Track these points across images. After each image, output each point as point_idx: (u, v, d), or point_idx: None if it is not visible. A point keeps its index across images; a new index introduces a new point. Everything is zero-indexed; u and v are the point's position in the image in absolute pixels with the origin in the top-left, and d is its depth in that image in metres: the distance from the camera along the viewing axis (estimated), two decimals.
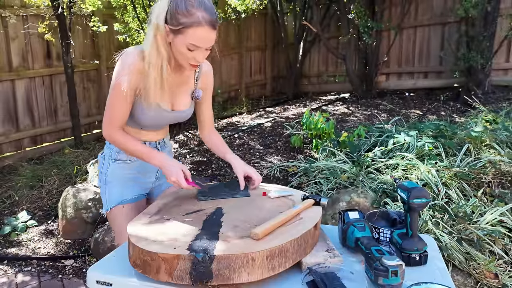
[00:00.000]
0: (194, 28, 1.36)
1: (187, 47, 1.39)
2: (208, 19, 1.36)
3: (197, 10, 1.35)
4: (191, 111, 1.67)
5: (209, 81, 1.69)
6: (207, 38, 1.39)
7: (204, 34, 1.38)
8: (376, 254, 1.16)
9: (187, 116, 1.66)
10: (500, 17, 5.44)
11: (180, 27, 1.37)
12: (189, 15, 1.35)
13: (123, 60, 1.48)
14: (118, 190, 1.66)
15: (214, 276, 1.09)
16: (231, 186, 1.64)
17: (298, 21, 7.39)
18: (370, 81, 6.59)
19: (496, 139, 3.29)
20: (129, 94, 1.49)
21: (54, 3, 4.35)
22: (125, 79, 1.46)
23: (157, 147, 1.69)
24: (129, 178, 1.68)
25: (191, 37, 1.37)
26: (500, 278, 2.19)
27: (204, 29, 1.37)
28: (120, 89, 1.47)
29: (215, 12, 1.40)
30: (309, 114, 4.19)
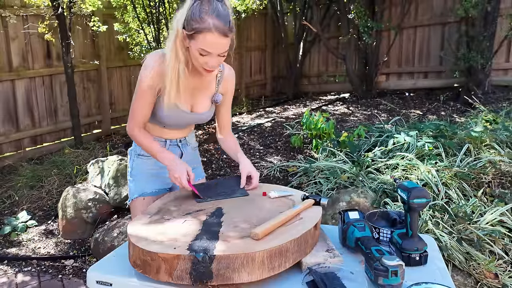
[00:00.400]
0: (204, 33, 1.42)
1: (199, 52, 1.46)
2: (218, 26, 1.41)
3: (209, 17, 1.41)
4: (211, 114, 1.74)
5: (230, 86, 1.75)
6: (216, 44, 1.44)
7: (213, 40, 1.43)
8: (376, 254, 1.16)
9: (207, 118, 1.73)
10: (500, 17, 5.44)
11: (192, 32, 1.44)
12: (201, 21, 1.41)
13: (145, 62, 1.58)
14: (141, 184, 1.77)
15: (214, 276, 1.09)
16: (229, 182, 1.66)
17: (298, 21, 7.39)
18: (370, 81, 6.59)
19: (496, 139, 3.29)
20: (149, 94, 1.58)
21: (54, 3, 4.35)
22: (146, 80, 1.57)
23: (178, 144, 1.78)
24: (151, 173, 1.77)
25: (201, 42, 1.44)
26: (500, 278, 2.19)
27: (213, 36, 1.42)
28: (141, 89, 1.58)
29: (229, 20, 1.44)
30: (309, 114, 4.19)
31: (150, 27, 4.90)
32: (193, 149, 1.87)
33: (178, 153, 1.78)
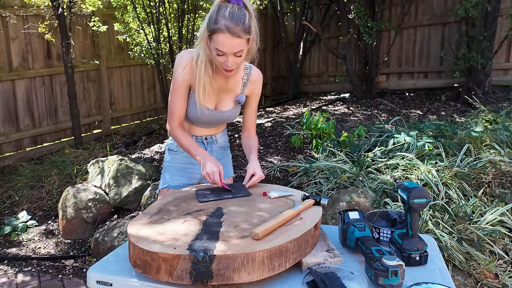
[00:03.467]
0: (217, 34, 1.53)
1: (216, 51, 1.57)
2: (229, 27, 1.51)
3: (223, 18, 1.52)
4: (235, 112, 1.83)
5: (256, 88, 1.84)
6: (226, 44, 1.54)
7: (224, 40, 1.53)
8: (376, 254, 1.16)
9: (232, 116, 1.83)
10: (500, 17, 5.43)
11: (210, 33, 1.56)
12: (216, 22, 1.53)
13: (178, 60, 1.71)
14: (168, 176, 1.91)
15: (214, 276, 1.09)
16: (233, 188, 1.64)
17: (298, 21, 7.38)
18: (370, 81, 6.59)
19: (496, 139, 3.29)
20: (184, 89, 1.71)
21: (54, 3, 4.35)
22: (178, 76, 1.70)
23: (203, 142, 1.89)
24: (179, 167, 1.91)
25: (215, 42, 1.55)
26: (500, 278, 2.18)
27: (224, 36, 1.52)
28: (177, 85, 1.71)
29: (243, 23, 1.53)
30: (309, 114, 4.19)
31: (150, 27, 4.90)
32: (221, 148, 1.97)
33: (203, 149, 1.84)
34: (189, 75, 1.69)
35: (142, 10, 4.90)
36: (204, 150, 1.73)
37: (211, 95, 1.74)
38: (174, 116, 1.75)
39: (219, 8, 1.55)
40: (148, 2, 4.83)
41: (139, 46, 5.05)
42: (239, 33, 1.53)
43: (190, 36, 5.06)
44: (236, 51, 1.57)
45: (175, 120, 1.76)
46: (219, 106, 1.79)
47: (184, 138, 1.75)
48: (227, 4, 1.55)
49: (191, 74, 1.69)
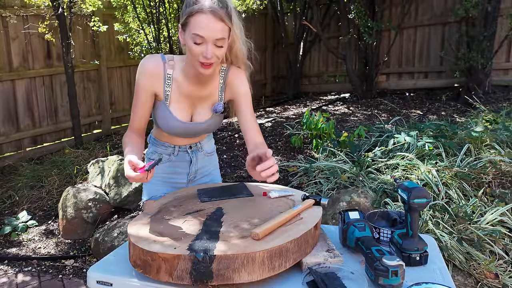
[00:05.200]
0: (196, 15, 1.34)
1: (193, 39, 1.36)
2: (212, 7, 1.33)
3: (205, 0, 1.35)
4: (213, 123, 1.61)
5: (238, 89, 1.56)
6: (208, 26, 1.34)
7: (205, 21, 1.33)
8: (377, 254, 1.16)
9: (209, 128, 1.62)
10: (500, 17, 5.43)
11: (185, 17, 1.37)
12: (195, 4, 1.35)
13: (140, 64, 1.53)
14: (150, 187, 1.75)
15: (215, 276, 1.09)
16: (234, 189, 1.63)
17: (298, 21, 7.39)
18: (371, 81, 6.59)
19: (496, 139, 3.29)
20: (143, 96, 1.53)
21: (54, 3, 4.35)
22: (138, 82, 1.53)
23: (187, 151, 1.71)
24: (161, 178, 1.73)
25: (193, 25, 1.35)
26: (501, 278, 2.18)
27: (205, 16, 1.33)
28: (136, 91, 1.54)
29: (227, 5, 1.37)
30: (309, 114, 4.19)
31: (150, 27, 4.90)
32: (206, 154, 1.77)
33: (188, 160, 1.72)
34: (152, 82, 1.50)
35: (142, 10, 4.90)
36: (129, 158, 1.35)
37: (185, 106, 1.55)
38: (131, 124, 1.57)
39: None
40: (148, 2, 4.83)
41: (139, 46, 5.05)
42: (222, 16, 1.34)
43: None
44: (218, 37, 1.36)
45: (131, 128, 1.57)
46: (194, 117, 1.58)
47: (126, 144, 1.50)
48: None
49: (155, 81, 1.50)
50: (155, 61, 1.50)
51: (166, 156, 1.70)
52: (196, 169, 1.75)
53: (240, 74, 1.58)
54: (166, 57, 1.52)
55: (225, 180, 3.67)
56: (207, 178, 1.81)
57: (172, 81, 1.52)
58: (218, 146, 4.53)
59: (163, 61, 1.51)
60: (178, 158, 1.71)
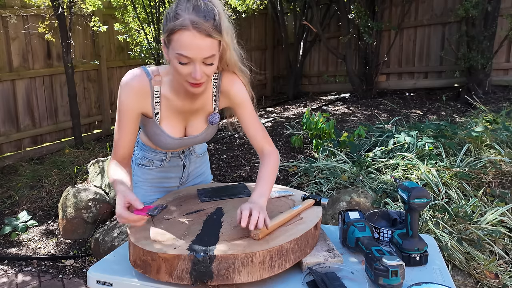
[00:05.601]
0: (179, 32, 1.18)
1: (178, 59, 1.21)
2: (197, 22, 1.17)
3: (186, 12, 1.18)
4: (209, 134, 1.52)
5: (235, 97, 1.44)
6: (193, 45, 1.18)
7: (190, 40, 1.17)
8: (377, 254, 1.16)
9: (206, 138, 1.52)
10: (500, 17, 5.43)
11: (167, 34, 1.21)
12: (176, 18, 1.19)
13: (121, 82, 1.36)
14: (141, 193, 1.65)
15: (215, 276, 1.09)
16: (234, 189, 1.63)
17: (298, 21, 7.39)
18: (371, 81, 6.59)
19: (496, 139, 3.29)
20: (127, 118, 1.37)
21: (54, 3, 4.35)
22: (121, 103, 1.36)
23: (179, 156, 1.63)
24: (152, 182, 1.65)
25: (176, 44, 1.20)
26: (501, 278, 2.18)
27: (190, 34, 1.17)
28: (119, 114, 1.37)
29: (213, 17, 1.20)
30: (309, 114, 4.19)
31: (150, 27, 4.90)
32: (198, 156, 1.71)
33: (181, 165, 1.65)
34: (139, 101, 1.35)
35: (142, 10, 4.90)
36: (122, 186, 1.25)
37: (177, 121, 1.43)
38: (116, 151, 1.40)
39: (178, 3, 1.22)
40: (148, 2, 4.83)
41: (139, 46, 5.05)
42: (209, 31, 1.18)
43: None
44: (206, 55, 1.21)
45: (115, 156, 1.40)
46: (188, 131, 1.47)
47: (113, 173, 1.34)
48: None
49: (142, 100, 1.36)
50: (140, 78, 1.35)
51: (157, 162, 1.61)
52: (189, 173, 1.69)
53: (234, 80, 1.43)
54: (150, 72, 1.36)
55: (225, 180, 3.67)
56: (199, 179, 1.75)
57: (161, 98, 1.38)
58: (218, 146, 4.53)
59: (148, 78, 1.35)
60: (171, 163, 1.63)
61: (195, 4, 1.20)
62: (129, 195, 1.20)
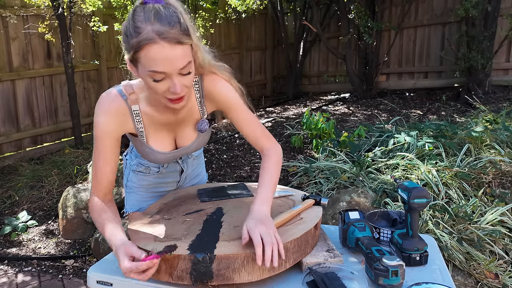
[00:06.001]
0: (147, 48, 1.05)
1: (151, 77, 1.09)
2: (163, 32, 1.04)
3: (147, 24, 1.05)
4: (202, 141, 1.45)
5: (221, 98, 1.33)
6: (165, 57, 1.06)
7: (160, 53, 1.05)
8: (377, 254, 1.16)
9: (199, 145, 1.45)
10: (500, 17, 5.44)
11: (132, 52, 1.08)
12: (138, 32, 1.05)
13: (96, 107, 1.25)
14: (137, 198, 1.62)
15: (215, 276, 1.09)
16: (234, 189, 1.63)
17: (298, 21, 7.39)
18: (371, 81, 6.59)
19: (496, 139, 3.29)
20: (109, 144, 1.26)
21: (54, 3, 4.35)
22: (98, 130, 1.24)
23: (177, 161, 1.58)
24: (148, 188, 1.61)
25: (146, 61, 1.07)
26: (501, 278, 2.18)
27: (159, 46, 1.04)
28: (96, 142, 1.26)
29: (178, 21, 1.07)
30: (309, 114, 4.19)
31: None
32: (195, 158, 1.66)
33: (178, 169, 1.60)
34: (119, 124, 1.26)
35: None
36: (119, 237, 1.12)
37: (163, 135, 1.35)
38: (97, 187, 1.28)
39: (134, 14, 1.08)
40: None
41: None
42: (178, 37, 1.06)
43: None
44: (182, 65, 1.09)
45: (96, 193, 1.28)
46: (179, 142, 1.40)
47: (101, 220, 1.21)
48: (145, 5, 1.09)
49: (122, 123, 1.27)
50: (115, 100, 1.24)
51: (154, 169, 1.56)
52: (186, 176, 1.66)
53: (216, 80, 1.31)
54: (124, 91, 1.26)
55: (225, 180, 3.67)
56: (195, 180, 1.73)
57: (142, 116, 1.30)
58: (218, 146, 4.53)
59: (123, 98, 1.25)
60: (168, 169, 1.58)
61: (155, 11, 1.07)
62: (131, 248, 1.07)
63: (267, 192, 1.26)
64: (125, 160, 1.63)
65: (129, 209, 1.65)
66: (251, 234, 1.09)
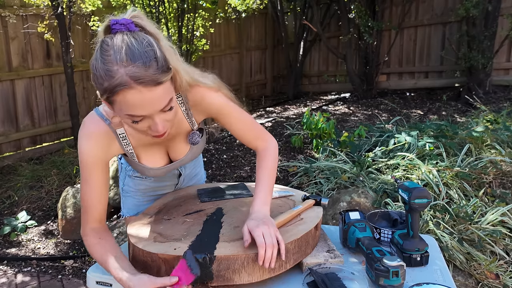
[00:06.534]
0: (121, 94, 0.95)
1: (129, 119, 1.01)
2: (139, 76, 0.94)
3: (118, 65, 0.94)
4: (196, 151, 1.40)
5: (208, 108, 1.26)
6: (144, 102, 0.97)
7: (138, 98, 0.95)
8: (377, 254, 1.15)
9: (195, 155, 1.40)
10: (501, 16, 5.43)
11: (105, 96, 0.98)
12: (109, 76, 0.94)
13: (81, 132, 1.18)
14: (134, 202, 1.60)
15: (215, 277, 1.08)
16: (234, 189, 1.62)
17: (298, 21, 7.38)
18: (371, 81, 6.59)
19: (497, 139, 3.28)
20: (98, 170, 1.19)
21: (54, 2, 4.34)
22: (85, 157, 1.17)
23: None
24: (145, 192, 1.59)
25: (122, 105, 0.98)
26: (501, 279, 2.18)
27: (135, 92, 0.94)
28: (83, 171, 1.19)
29: (154, 56, 0.96)
30: (310, 114, 4.18)
31: None
32: (194, 167, 1.66)
33: (176, 173, 1.58)
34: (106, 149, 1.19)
35: (141, 10, 4.89)
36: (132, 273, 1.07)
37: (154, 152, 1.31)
38: (88, 214, 1.20)
39: (103, 51, 0.97)
40: (148, 2, 4.82)
41: None
42: (156, 78, 0.96)
43: (189, 35, 5.06)
44: (163, 105, 1.00)
45: (89, 220, 1.20)
46: (172, 156, 1.36)
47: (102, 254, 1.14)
48: (112, 37, 0.97)
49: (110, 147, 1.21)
50: (98, 125, 1.17)
51: None
52: (184, 177, 1.63)
53: (201, 93, 1.23)
54: (105, 115, 1.18)
55: (225, 180, 3.66)
56: (194, 180, 1.71)
57: (129, 138, 1.24)
58: (218, 146, 4.52)
59: (106, 122, 1.18)
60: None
61: (126, 48, 0.94)
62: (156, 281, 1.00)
63: (266, 192, 1.25)
64: (120, 164, 1.61)
65: (126, 213, 1.64)
66: (254, 234, 1.09)
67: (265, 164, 1.31)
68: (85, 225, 1.22)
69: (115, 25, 0.98)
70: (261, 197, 1.23)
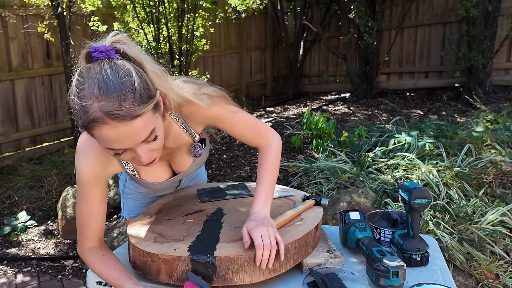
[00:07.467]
0: (97, 129, 0.91)
1: (110, 152, 0.98)
2: (112, 111, 0.88)
3: (92, 100, 0.89)
4: (201, 159, 1.37)
5: (203, 118, 1.22)
6: (121, 136, 0.92)
7: (114, 133, 0.91)
8: (377, 254, 1.15)
9: (199, 165, 1.38)
10: (501, 16, 5.43)
11: (84, 130, 0.95)
12: (84, 111, 0.90)
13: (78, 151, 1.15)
14: (134, 204, 1.59)
15: (215, 277, 1.08)
16: (234, 189, 1.62)
17: (298, 21, 7.38)
18: (371, 81, 6.59)
19: (497, 139, 3.28)
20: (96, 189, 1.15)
21: (54, 2, 4.34)
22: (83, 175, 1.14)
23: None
24: (146, 194, 1.58)
25: (100, 140, 0.94)
26: (501, 279, 2.18)
27: (110, 127, 0.90)
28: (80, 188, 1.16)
29: (131, 87, 0.91)
30: (310, 114, 4.18)
31: (150, 26, 4.90)
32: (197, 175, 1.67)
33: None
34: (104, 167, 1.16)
35: (141, 10, 4.89)
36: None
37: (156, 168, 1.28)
38: (87, 233, 1.17)
39: (78, 84, 0.92)
40: (148, 2, 4.82)
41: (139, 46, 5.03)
42: (133, 112, 0.90)
43: (189, 35, 5.06)
44: (144, 137, 0.96)
45: (88, 238, 1.18)
46: (175, 169, 1.34)
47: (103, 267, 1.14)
48: (90, 68, 0.92)
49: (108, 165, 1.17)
50: (96, 143, 1.08)
51: None
52: (185, 179, 1.62)
53: (196, 108, 1.17)
54: None
55: (225, 180, 3.66)
56: (195, 180, 1.70)
57: None
58: (218, 146, 4.52)
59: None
60: None
61: (99, 80, 0.89)
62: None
63: (267, 191, 1.24)
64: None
65: (126, 214, 1.63)
66: (252, 235, 1.09)
67: (266, 164, 1.30)
68: (82, 244, 1.18)
69: (94, 53, 0.94)
70: (261, 197, 1.23)
